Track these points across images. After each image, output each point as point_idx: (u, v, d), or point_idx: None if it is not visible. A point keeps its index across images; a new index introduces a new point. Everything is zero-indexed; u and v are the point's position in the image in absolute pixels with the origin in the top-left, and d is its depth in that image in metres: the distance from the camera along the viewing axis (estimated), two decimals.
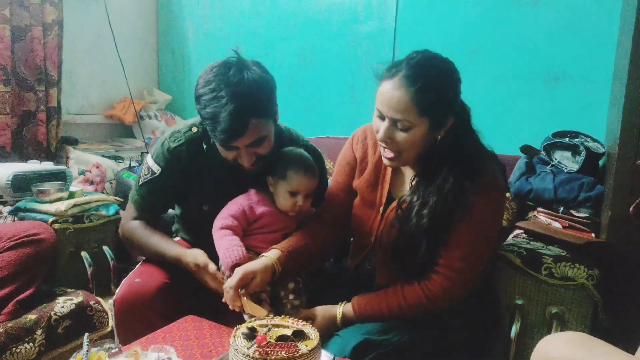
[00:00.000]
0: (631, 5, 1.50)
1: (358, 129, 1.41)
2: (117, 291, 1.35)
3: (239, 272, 1.18)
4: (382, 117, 1.16)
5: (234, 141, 1.23)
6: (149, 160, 1.40)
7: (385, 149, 1.18)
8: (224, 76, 1.19)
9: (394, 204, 1.26)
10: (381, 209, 1.30)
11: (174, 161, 1.37)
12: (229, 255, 1.23)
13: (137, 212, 1.44)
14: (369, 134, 1.35)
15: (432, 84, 1.10)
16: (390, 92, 1.12)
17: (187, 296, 1.35)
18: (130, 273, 1.41)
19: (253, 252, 1.31)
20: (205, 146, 1.37)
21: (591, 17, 2.05)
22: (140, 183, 1.40)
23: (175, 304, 1.32)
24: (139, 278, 1.34)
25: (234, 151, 1.27)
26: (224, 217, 1.31)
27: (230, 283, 1.17)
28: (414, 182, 1.23)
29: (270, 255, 1.24)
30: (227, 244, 1.26)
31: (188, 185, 1.41)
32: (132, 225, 1.43)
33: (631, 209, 0.70)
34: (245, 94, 1.18)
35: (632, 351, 1.01)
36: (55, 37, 2.48)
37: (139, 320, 1.27)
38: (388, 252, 1.25)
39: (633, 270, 1.38)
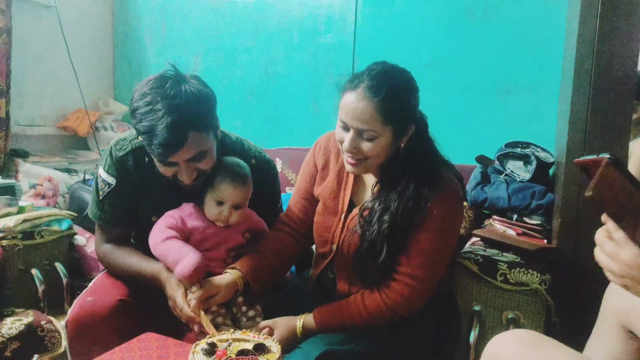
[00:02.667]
0: (573, 23, 1.59)
1: (321, 136, 1.42)
2: (69, 311, 1.29)
3: (205, 283, 1.17)
4: (346, 128, 1.17)
5: (172, 155, 1.17)
6: (102, 173, 1.34)
7: (349, 157, 1.19)
8: (161, 89, 1.16)
9: (356, 211, 1.27)
10: (342, 216, 1.31)
11: (122, 170, 1.32)
12: (185, 264, 1.16)
13: (106, 230, 1.38)
14: (332, 142, 1.36)
15: (395, 92, 1.13)
16: (354, 103, 1.13)
17: (145, 313, 1.30)
18: (83, 291, 1.35)
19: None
20: (147, 159, 1.31)
21: (539, 33, 2.16)
22: (100, 198, 1.34)
23: (133, 321, 1.27)
24: (92, 296, 1.29)
25: (173, 167, 1.22)
26: (160, 230, 1.25)
27: (195, 294, 1.16)
28: (375, 189, 1.25)
29: (234, 272, 1.23)
30: (177, 253, 1.19)
31: (137, 195, 1.36)
32: (104, 249, 1.37)
33: (580, 160, 0.73)
34: (183, 107, 1.14)
35: (581, 351, 1.05)
36: (3, 45, 2.37)
37: (93, 341, 1.22)
38: (349, 259, 1.25)
39: (581, 273, 1.45)
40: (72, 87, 2.82)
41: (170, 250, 1.21)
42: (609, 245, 0.74)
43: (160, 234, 1.24)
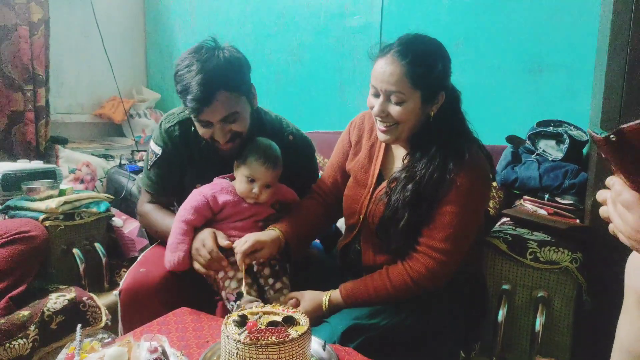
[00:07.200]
0: None
1: (357, 115, 1.48)
2: (122, 282, 1.38)
3: (251, 239, 1.25)
4: (376, 95, 1.22)
5: (204, 110, 1.28)
6: (152, 144, 1.48)
7: (380, 123, 1.23)
8: (197, 53, 1.30)
9: (384, 183, 1.31)
10: (371, 188, 1.34)
11: (170, 140, 1.45)
12: (169, 259, 1.31)
13: (150, 196, 1.51)
14: (367, 120, 1.43)
15: (422, 56, 1.18)
16: (383, 67, 1.19)
17: (189, 286, 1.37)
18: (134, 263, 1.45)
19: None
20: (193, 128, 1.42)
21: (573, 8, 2.08)
22: (148, 167, 1.48)
23: (179, 293, 1.34)
24: (143, 268, 1.38)
25: (209, 128, 1.33)
26: (187, 208, 1.33)
27: (241, 248, 1.24)
28: (405, 160, 1.28)
29: (276, 230, 1.31)
30: (173, 244, 1.31)
31: (183, 164, 1.47)
32: (146, 208, 1.50)
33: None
34: (214, 67, 1.27)
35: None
36: (42, 36, 2.47)
37: (144, 310, 1.30)
38: (374, 227, 1.29)
39: (614, 252, 1.41)
40: (106, 76, 2.91)
41: (174, 234, 1.32)
42: (620, 206, 0.73)
43: (183, 213, 1.33)
